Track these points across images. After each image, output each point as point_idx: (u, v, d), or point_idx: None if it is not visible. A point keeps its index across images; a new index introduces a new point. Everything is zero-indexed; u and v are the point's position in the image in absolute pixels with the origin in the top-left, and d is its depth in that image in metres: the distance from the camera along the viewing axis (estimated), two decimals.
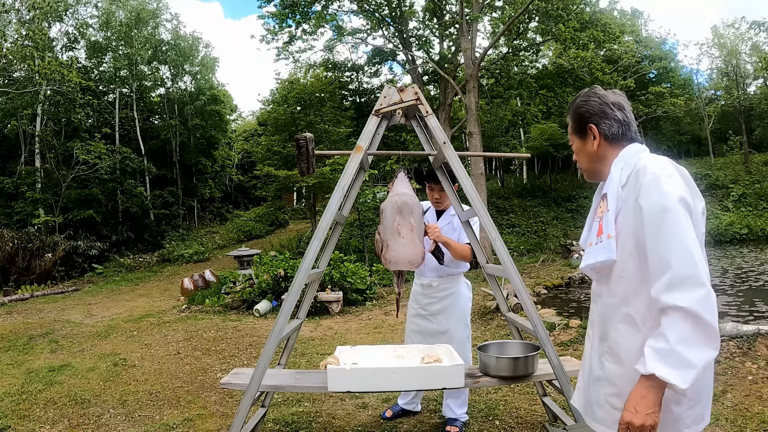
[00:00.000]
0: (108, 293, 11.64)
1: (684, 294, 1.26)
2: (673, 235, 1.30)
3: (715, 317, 1.26)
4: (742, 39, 26.99)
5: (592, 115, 1.56)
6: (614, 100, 1.56)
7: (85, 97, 19.14)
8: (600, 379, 1.51)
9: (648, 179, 1.38)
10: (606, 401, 1.48)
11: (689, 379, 1.24)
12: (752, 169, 23.27)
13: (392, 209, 2.75)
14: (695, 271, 1.27)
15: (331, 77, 21.44)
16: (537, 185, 24.16)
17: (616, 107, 1.55)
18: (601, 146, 1.56)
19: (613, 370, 1.46)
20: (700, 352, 1.25)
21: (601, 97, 1.57)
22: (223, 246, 20.01)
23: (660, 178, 1.36)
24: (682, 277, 1.27)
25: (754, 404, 3.35)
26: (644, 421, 1.28)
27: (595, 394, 1.53)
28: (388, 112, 2.80)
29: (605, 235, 1.46)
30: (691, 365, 1.24)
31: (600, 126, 1.55)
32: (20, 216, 17.52)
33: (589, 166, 1.63)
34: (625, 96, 1.61)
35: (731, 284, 9.22)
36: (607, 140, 1.55)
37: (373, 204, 13.94)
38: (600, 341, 1.54)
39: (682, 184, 1.37)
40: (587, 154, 1.61)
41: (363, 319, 7.45)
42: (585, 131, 1.58)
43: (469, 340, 3.38)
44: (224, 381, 2.82)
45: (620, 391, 1.42)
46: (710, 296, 1.26)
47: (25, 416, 3.78)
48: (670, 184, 1.35)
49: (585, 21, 15.89)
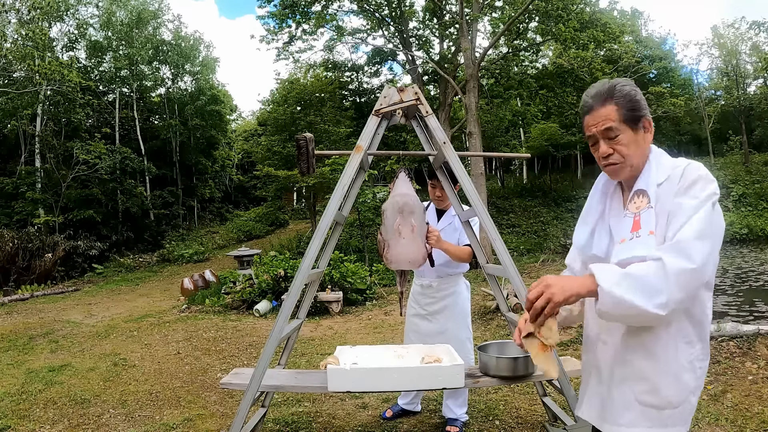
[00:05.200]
0: (108, 293, 11.63)
1: (672, 256, 1.30)
2: (701, 221, 1.33)
3: (673, 291, 1.28)
4: (742, 39, 27.00)
5: (644, 108, 1.50)
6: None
7: (85, 97, 19.13)
8: (627, 379, 1.46)
9: (693, 178, 1.39)
10: (636, 400, 1.44)
11: (609, 289, 1.30)
12: (752, 169, 23.27)
13: (393, 209, 2.75)
14: (700, 257, 1.30)
15: (331, 77, 21.45)
16: (537, 185, 24.16)
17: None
18: (648, 142, 1.51)
19: (645, 366, 1.43)
20: (635, 294, 1.28)
21: (635, 88, 1.51)
22: (223, 246, 20.01)
23: (703, 178, 1.39)
24: (685, 251, 1.30)
25: (754, 404, 3.35)
26: (549, 290, 1.34)
27: (620, 396, 1.47)
28: (388, 112, 2.79)
29: (645, 231, 1.41)
30: (620, 291, 1.29)
31: (649, 119, 1.51)
32: (20, 216, 17.51)
33: (640, 161, 1.51)
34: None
35: (731, 284, 9.21)
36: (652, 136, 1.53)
37: (373, 204, 13.94)
38: (624, 341, 1.48)
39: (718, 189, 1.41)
40: (640, 147, 1.50)
41: (363, 319, 7.45)
42: (639, 122, 1.49)
43: (470, 341, 3.38)
44: (224, 381, 2.82)
45: (654, 386, 1.42)
46: (693, 276, 1.29)
47: (25, 416, 3.78)
48: (712, 186, 1.38)
49: (585, 21, 15.89)
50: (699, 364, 1.42)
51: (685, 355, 1.40)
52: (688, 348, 1.40)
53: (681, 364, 1.40)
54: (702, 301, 1.41)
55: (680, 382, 1.40)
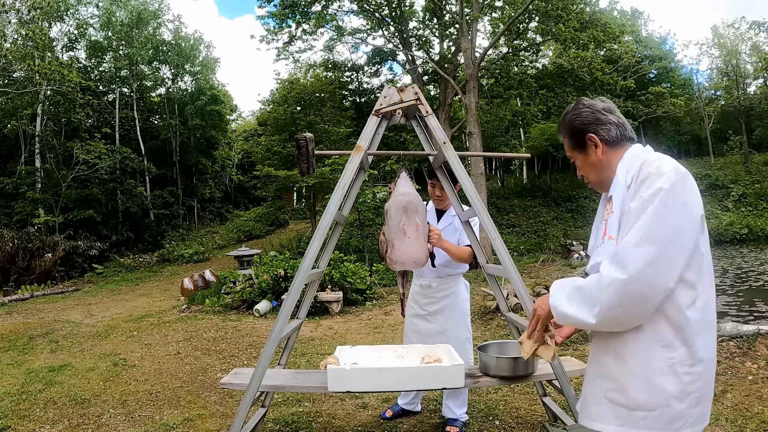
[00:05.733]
0: (108, 293, 11.63)
1: (607, 266, 1.36)
2: (642, 226, 1.33)
3: (605, 302, 1.34)
4: (742, 39, 27.01)
5: (587, 125, 1.56)
6: (604, 106, 1.57)
7: (85, 97, 19.13)
8: (597, 376, 1.51)
9: (643, 177, 1.39)
10: (604, 396, 1.47)
11: (555, 305, 1.48)
12: (752, 169, 23.28)
13: (397, 209, 2.74)
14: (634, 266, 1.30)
15: (331, 77, 21.44)
16: (537, 185, 24.16)
17: (608, 112, 1.56)
18: (605, 153, 1.55)
19: (613, 366, 1.45)
20: (577, 307, 1.41)
21: (590, 106, 1.57)
22: (223, 246, 20.01)
23: (653, 174, 1.37)
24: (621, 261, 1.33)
25: (754, 404, 3.35)
26: (537, 305, 1.64)
27: (591, 391, 1.53)
28: (388, 112, 2.79)
29: (607, 237, 1.47)
30: (563, 300, 1.46)
31: (599, 133, 1.54)
32: (20, 216, 17.52)
33: (598, 177, 1.59)
34: (610, 101, 1.61)
35: (731, 284, 9.22)
36: (608, 145, 1.54)
37: (373, 204, 13.94)
38: (595, 342, 1.56)
39: (678, 180, 1.36)
40: (592, 165, 1.59)
41: (363, 319, 7.45)
42: (584, 143, 1.57)
43: (469, 341, 3.38)
44: (224, 381, 2.82)
45: (622, 386, 1.42)
46: (626, 285, 1.30)
47: (25, 416, 3.78)
48: (660, 181, 1.35)
49: (585, 21, 15.88)
50: (683, 369, 1.35)
51: (661, 359, 1.36)
52: (666, 352, 1.36)
53: (655, 367, 1.36)
54: (678, 303, 1.35)
55: (653, 386, 1.36)
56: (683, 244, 1.33)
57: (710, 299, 1.40)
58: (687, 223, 1.34)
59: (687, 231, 1.33)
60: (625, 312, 1.34)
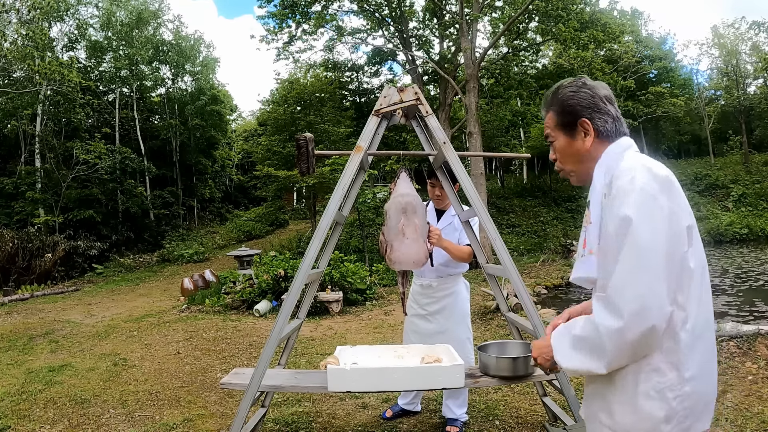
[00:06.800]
0: (108, 293, 11.63)
1: (601, 315, 1.25)
2: (626, 259, 1.22)
3: (622, 350, 1.24)
4: (742, 39, 27.00)
5: (584, 108, 1.40)
6: (606, 94, 1.42)
7: (85, 97, 19.13)
8: (593, 393, 1.44)
9: (614, 194, 1.27)
10: (596, 416, 1.40)
11: (562, 361, 1.36)
12: (752, 169, 23.27)
13: (396, 210, 2.75)
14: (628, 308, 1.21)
15: (331, 77, 21.44)
16: (537, 185, 24.15)
17: (608, 101, 1.41)
18: (594, 144, 1.40)
19: (603, 387, 1.37)
20: (585, 361, 1.30)
21: (591, 88, 1.41)
22: (223, 246, 20.01)
23: (621, 191, 1.25)
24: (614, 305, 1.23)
25: (754, 404, 3.35)
26: (536, 354, 1.50)
27: (588, 408, 1.47)
28: (388, 112, 2.79)
29: (587, 250, 1.36)
30: (567, 354, 1.35)
31: (594, 121, 1.39)
32: (20, 216, 17.51)
33: (579, 167, 1.45)
34: (611, 91, 1.47)
35: (731, 284, 9.22)
36: (599, 137, 1.40)
37: (373, 204, 13.94)
38: None
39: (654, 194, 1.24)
40: (575, 153, 1.44)
41: (363, 319, 7.45)
42: (574, 127, 1.41)
43: (470, 341, 3.38)
44: (224, 381, 2.82)
45: (610, 408, 1.34)
46: (622, 333, 1.21)
47: (25, 416, 3.78)
48: (629, 202, 1.23)
49: (585, 21, 15.90)
50: (672, 393, 1.25)
51: (649, 383, 1.26)
52: (655, 376, 1.26)
53: (642, 392, 1.27)
54: (671, 325, 1.25)
55: (639, 412, 1.28)
56: (672, 267, 1.22)
57: (701, 314, 1.29)
58: (672, 243, 1.22)
59: (672, 251, 1.22)
60: (634, 352, 1.25)
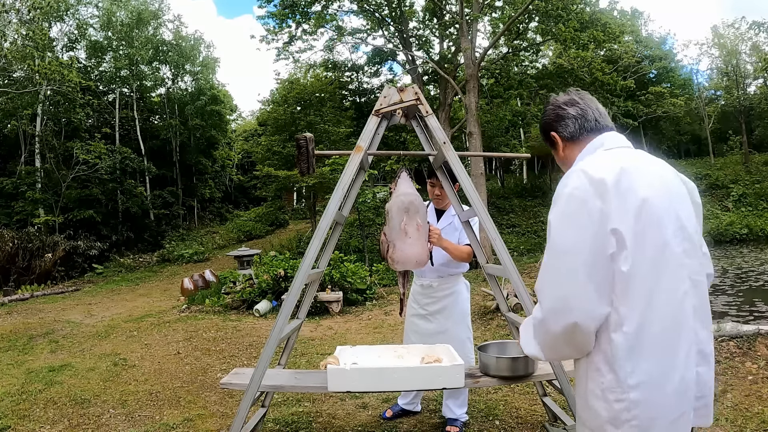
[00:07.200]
0: (108, 293, 11.63)
1: (536, 307, 1.40)
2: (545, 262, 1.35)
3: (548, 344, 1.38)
4: (742, 39, 27.00)
5: (550, 123, 1.56)
6: (565, 100, 1.54)
7: (85, 97, 19.13)
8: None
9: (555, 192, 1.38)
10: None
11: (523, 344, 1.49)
12: (752, 169, 23.27)
13: (398, 209, 2.74)
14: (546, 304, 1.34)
15: (331, 77, 21.44)
16: (537, 185, 24.15)
17: (569, 105, 1.52)
18: (565, 149, 1.54)
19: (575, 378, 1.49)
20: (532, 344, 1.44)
21: (552, 102, 1.57)
22: (223, 246, 20.00)
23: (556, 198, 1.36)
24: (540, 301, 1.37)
25: (754, 404, 3.35)
26: None
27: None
28: (388, 112, 2.79)
29: None
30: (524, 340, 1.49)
31: (558, 130, 1.54)
32: (20, 216, 17.51)
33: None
34: (581, 91, 1.56)
35: (731, 284, 9.22)
36: (567, 141, 1.53)
37: (373, 204, 13.93)
38: None
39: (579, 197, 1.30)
40: (561, 161, 1.59)
41: (363, 319, 7.45)
42: (551, 141, 1.57)
43: (470, 341, 3.38)
44: (224, 381, 2.82)
45: (577, 401, 1.45)
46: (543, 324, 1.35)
47: (25, 416, 3.78)
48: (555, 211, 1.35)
49: (585, 21, 15.88)
50: (613, 395, 1.28)
51: (594, 382, 1.33)
52: (597, 376, 1.32)
53: (590, 390, 1.34)
54: (604, 327, 1.29)
55: (590, 409, 1.35)
56: (597, 269, 1.25)
57: (653, 321, 1.26)
58: (596, 246, 1.25)
59: (595, 254, 1.25)
60: (565, 343, 1.33)
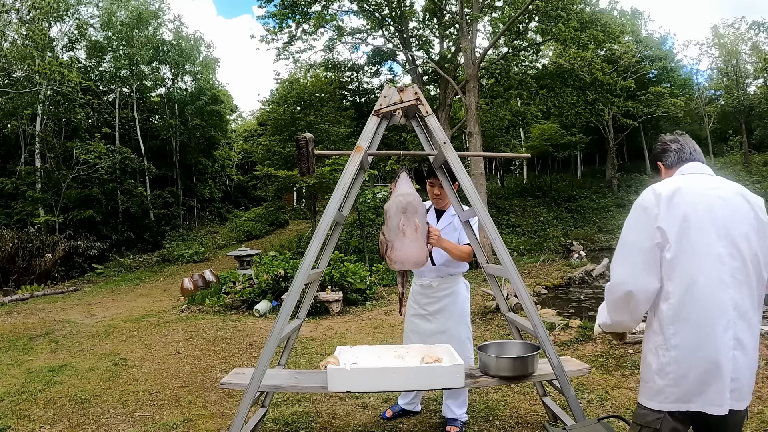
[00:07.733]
0: (108, 293, 11.63)
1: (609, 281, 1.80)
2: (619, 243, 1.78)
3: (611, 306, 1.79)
4: (742, 39, 27.01)
5: (657, 154, 2.00)
6: (670, 138, 1.98)
7: (85, 97, 19.12)
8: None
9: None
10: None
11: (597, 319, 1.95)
12: (752, 169, 23.29)
13: (397, 209, 2.74)
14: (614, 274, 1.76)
15: (331, 77, 21.43)
16: (537, 185, 24.16)
17: (672, 142, 1.95)
18: (666, 173, 1.95)
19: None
20: (601, 313, 1.91)
21: (661, 140, 2.00)
22: (223, 246, 20.00)
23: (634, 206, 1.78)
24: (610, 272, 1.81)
25: (754, 404, 3.35)
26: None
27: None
28: (388, 112, 2.79)
29: None
30: (600, 312, 1.92)
31: (662, 160, 1.97)
32: (20, 216, 17.50)
33: None
34: (684, 133, 1.99)
35: None
36: (668, 168, 1.94)
37: (373, 204, 13.93)
38: None
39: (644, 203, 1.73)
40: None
41: (363, 319, 7.45)
42: (658, 168, 2.00)
43: (470, 341, 3.38)
44: (224, 381, 2.82)
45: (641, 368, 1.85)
46: (610, 289, 1.76)
47: (25, 416, 3.78)
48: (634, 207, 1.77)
49: (585, 21, 15.86)
50: (661, 351, 1.69)
51: (651, 340, 1.74)
52: (653, 336, 1.74)
53: (648, 347, 1.76)
54: (658, 298, 1.70)
55: (645, 362, 1.77)
56: (646, 255, 1.68)
57: (693, 297, 1.63)
58: (645, 239, 1.69)
59: (643, 245, 1.69)
60: (625, 308, 1.73)
